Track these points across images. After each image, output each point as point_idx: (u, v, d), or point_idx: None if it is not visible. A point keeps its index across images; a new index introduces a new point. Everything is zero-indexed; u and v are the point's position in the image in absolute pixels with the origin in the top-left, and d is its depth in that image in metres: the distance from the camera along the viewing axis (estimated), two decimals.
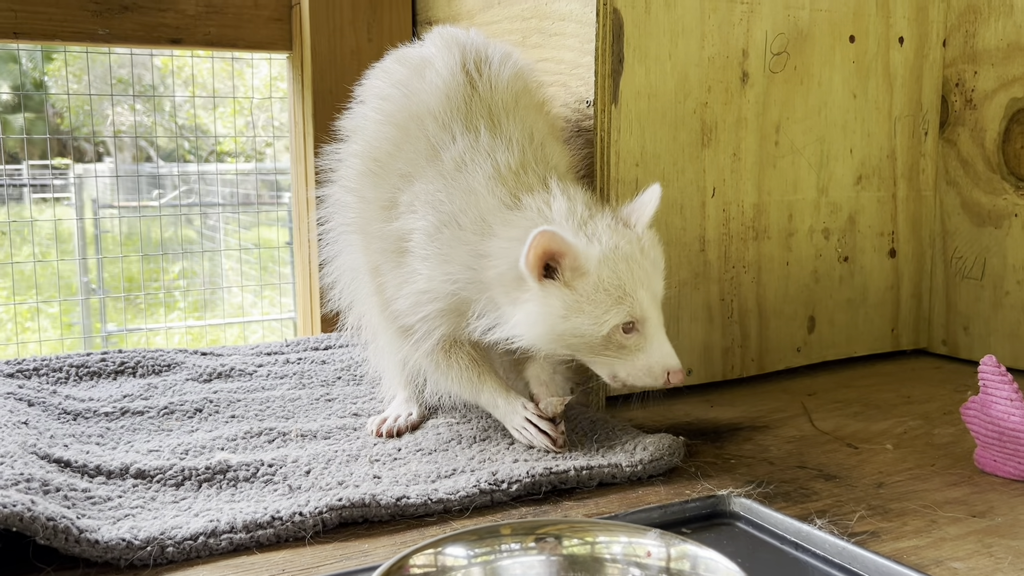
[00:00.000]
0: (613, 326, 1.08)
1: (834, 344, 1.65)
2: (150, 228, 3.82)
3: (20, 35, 1.66)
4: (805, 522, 0.90)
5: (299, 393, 1.45)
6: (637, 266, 1.11)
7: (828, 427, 1.34)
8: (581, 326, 1.07)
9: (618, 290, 1.08)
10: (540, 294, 1.07)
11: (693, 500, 0.94)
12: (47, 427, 1.19)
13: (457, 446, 1.21)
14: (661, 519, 0.91)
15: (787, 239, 1.57)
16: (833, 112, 1.58)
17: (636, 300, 1.09)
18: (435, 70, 1.22)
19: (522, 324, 1.08)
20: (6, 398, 1.24)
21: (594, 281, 1.07)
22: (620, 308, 1.08)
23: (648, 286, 1.12)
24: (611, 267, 1.08)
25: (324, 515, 0.97)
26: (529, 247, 1.04)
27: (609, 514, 0.97)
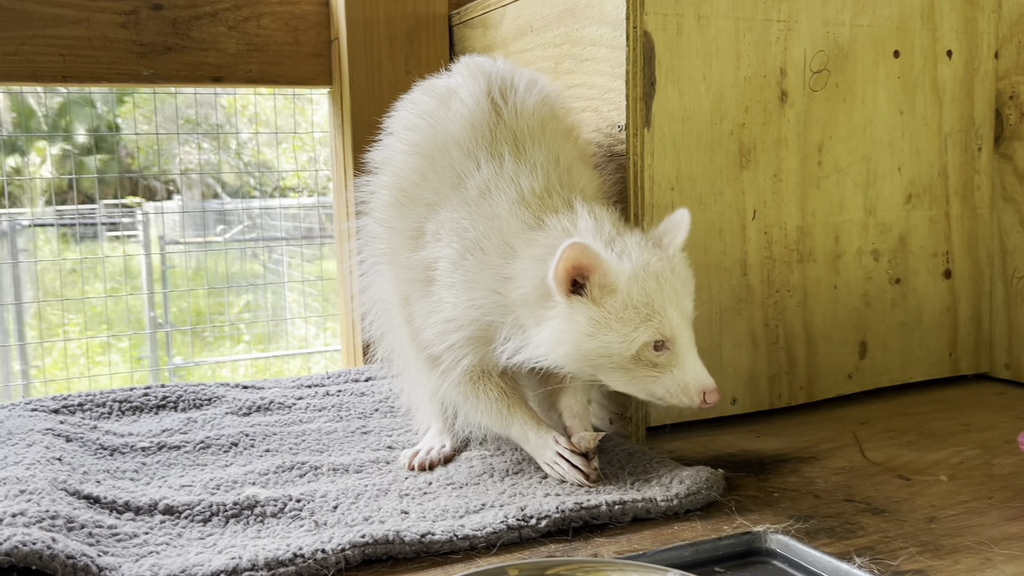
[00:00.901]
0: (642, 344, 1.06)
1: (888, 370, 1.59)
2: (216, 263, 3.90)
3: (68, 79, 1.71)
4: (845, 560, 0.85)
5: (335, 426, 1.45)
6: (667, 284, 1.08)
7: (879, 457, 1.28)
8: (609, 345, 1.05)
9: (647, 308, 1.06)
10: (566, 311, 1.05)
11: (727, 537, 0.90)
12: (82, 463, 1.19)
13: (489, 480, 1.19)
14: (693, 557, 0.87)
15: (834, 261, 1.52)
16: (879, 130, 1.53)
17: (666, 318, 1.06)
18: (460, 99, 1.22)
19: (547, 342, 1.06)
20: (45, 434, 1.26)
21: (623, 298, 1.05)
22: (649, 326, 1.06)
23: (678, 305, 1.09)
24: (640, 284, 1.06)
25: (347, 552, 0.95)
26: (559, 259, 1.02)
27: (640, 551, 0.93)
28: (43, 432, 1.26)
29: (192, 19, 1.77)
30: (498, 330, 1.12)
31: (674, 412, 1.41)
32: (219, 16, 1.79)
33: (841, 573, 0.82)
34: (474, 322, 1.13)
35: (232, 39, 1.81)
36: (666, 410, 1.40)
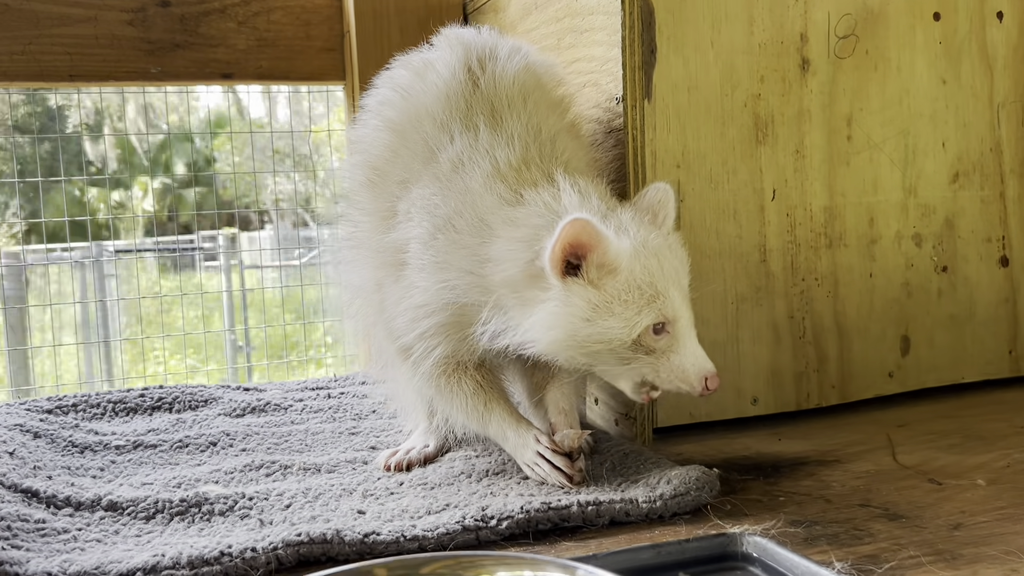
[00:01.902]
0: (644, 328, 0.95)
1: (935, 368, 1.43)
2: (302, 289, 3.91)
3: (76, 78, 1.69)
4: (825, 566, 0.72)
5: (326, 427, 1.37)
6: (667, 262, 0.99)
7: (912, 461, 1.13)
8: (610, 330, 0.95)
9: (650, 288, 0.96)
10: (562, 294, 0.95)
11: (696, 539, 0.78)
12: (39, 459, 1.14)
13: (466, 480, 1.09)
14: (653, 560, 0.75)
15: (869, 247, 1.37)
16: (918, 101, 1.38)
17: (668, 299, 0.97)
18: (435, 71, 1.13)
19: (537, 328, 0.96)
20: (11, 429, 1.21)
21: (625, 278, 0.95)
22: (652, 308, 0.96)
23: (679, 284, 1.00)
24: (642, 263, 0.96)
25: (279, 551, 0.86)
26: (557, 238, 0.93)
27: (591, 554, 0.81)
28: (9, 428, 1.22)
29: (200, 15, 1.74)
30: (475, 312, 1.02)
31: (685, 412, 1.28)
32: (228, 12, 1.75)
33: None
34: (447, 306, 1.03)
35: (242, 35, 1.77)
36: (676, 410, 1.28)
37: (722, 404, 1.30)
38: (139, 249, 4.05)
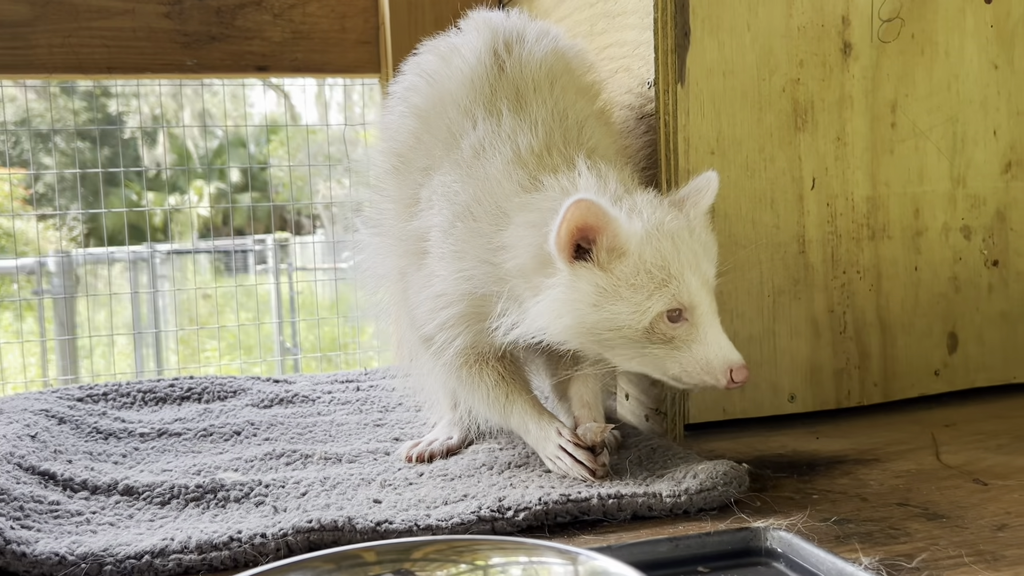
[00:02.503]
0: (657, 314, 0.91)
1: (985, 367, 1.36)
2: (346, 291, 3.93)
3: (113, 70, 1.70)
4: (852, 562, 0.67)
5: (351, 418, 1.35)
6: (684, 245, 0.93)
7: (957, 461, 1.07)
8: (618, 316, 0.90)
9: (662, 272, 0.91)
10: (569, 279, 0.91)
11: (717, 533, 0.74)
12: (61, 443, 1.14)
13: (487, 472, 1.06)
14: (671, 554, 0.72)
15: (914, 239, 1.31)
16: (967, 87, 1.32)
17: (683, 283, 0.92)
18: (461, 56, 1.11)
19: (546, 314, 0.92)
20: (37, 414, 1.21)
21: (634, 262, 0.91)
22: (664, 293, 0.91)
23: (697, 269, 0.94)
24: (654, 246, 0.91)
25: (289, 538, 0.84)
26: (562, 219, 0.89)
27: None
28: (35, 413, 1.22)
29: (236, 8, 1.74)
30: (492, 304, 0.99)
31: (718, 408, 1.24)
32: (264, 4, 1.75)
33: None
34: (464, 296, 1.01)
35: (277, 27, 1.76)
36: (709, 406, 1.23)
37: (757, 401, 1.25)
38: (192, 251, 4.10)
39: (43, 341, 3.28)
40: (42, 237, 4.06)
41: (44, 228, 4.22)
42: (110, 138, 3.70)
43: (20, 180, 4.13)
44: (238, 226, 4.66)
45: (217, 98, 4.81)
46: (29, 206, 3.96)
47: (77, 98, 4.27)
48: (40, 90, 3.43)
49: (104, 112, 4.62)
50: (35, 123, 3.00)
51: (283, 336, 4.00)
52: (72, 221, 4.53)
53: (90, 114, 3.85)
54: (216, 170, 5.92)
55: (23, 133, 3.12)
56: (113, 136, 3.69)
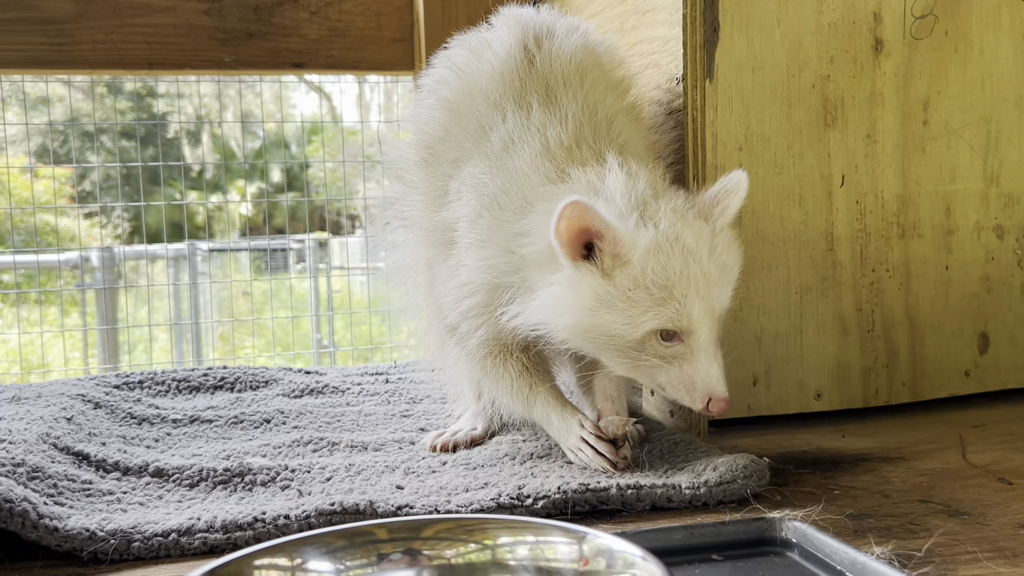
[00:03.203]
0: (649, 331, 0.91)
1: (1017, 368, 1.34)
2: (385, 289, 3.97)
3: (154, 66, 1.74)
4: (864, 552, 0.67)
5: (379, 409, 1.37)
6: (697, 267, 0.91)
7: (983, 460, 1.06)
8: (612, 324, 0.90)
9: (663, 291, 0.90)
10: (572, 277, 0.92)
11: (732, 522, 0.74)
12: (96, 426, 1.17)
13: (510, 462, 1.07)
14: (685, 541, 0.72)
15: (945, 238, 1.30)
16: (1002, 85, 1.31)
17: (684, 308, 0.90)
18: (491, 50, 1.12)
19: (546, 309, 0.93)
20: (74, 398, 1.25)
21: (635, 274, 0.90)
22: (661, 312, 0.90)
23: (705, 295, 0.92)
24: (661, 261, 0.90)
25: (312, 519, 0.86)
26: (558, 217, 0.89)
27: None
28: (72, 397, 1.25)
29: (274, 5, 1.77)
30: (511, 295, 1.00)
31: (743, 405, 1.24)
32: (301, 2, 1.78)
33: (858, 566, 0.65)
34: (486, 286, 1.02)
35: (314, 24, 1.79)
36: (734, 402, 1.22)
37: (783, 398, 1.25)
38: (230, 248, 4.17)
39: (84, 330, 3.35)
40: (87, 234, 4.15)
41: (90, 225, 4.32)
42: (154, 137, 3.77)
43: (68, 178, 4.23)
44: (279, 225, 4.73)
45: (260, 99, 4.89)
46: (74, 203, 4.05)
47: (123, 98, 4.37)
48: (87, 89, 3.51)
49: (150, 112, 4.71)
50: (82, 122, 3.08)
51: (320, 333, 4.05)
52: (116, 219, 4.63)
53: (135, 114, 3.93)
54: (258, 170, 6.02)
55: (71, 132, 3.20)
56: (157, 135, 3.76)
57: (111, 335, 3.33)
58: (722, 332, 0.97)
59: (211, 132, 5.59)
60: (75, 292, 3.33)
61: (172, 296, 3.45)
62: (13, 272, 3.23)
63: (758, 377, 1.23)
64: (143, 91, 4.79)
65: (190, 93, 3.94)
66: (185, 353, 3.46)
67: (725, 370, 0.94)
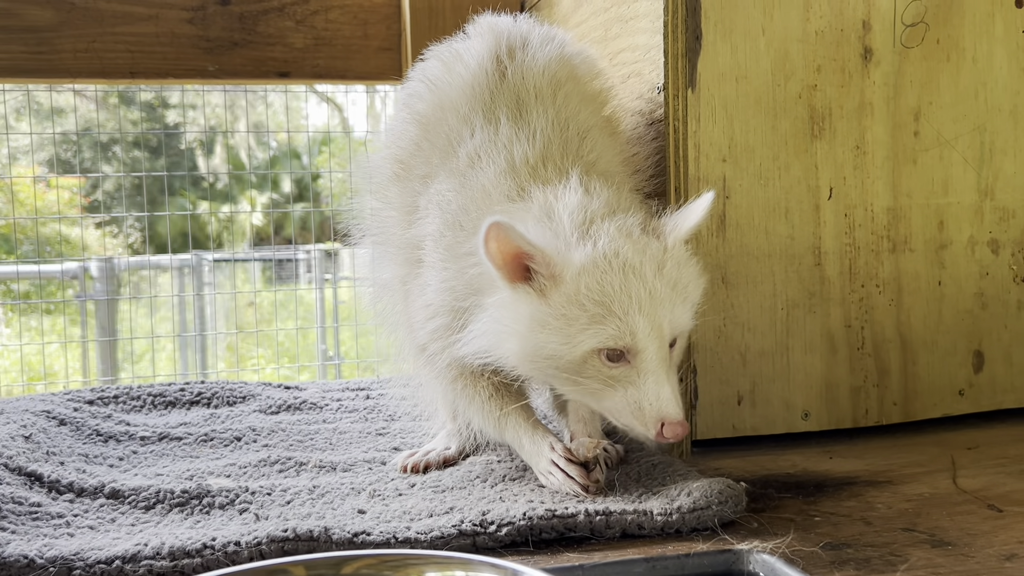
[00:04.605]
0: (589, 350, 0.87)
1: (1013, 388, 1.30)
2: None
3: (136, 75, 1.71)
4: None
5: (356, 427, 1.33)
6: (639, 283, 0.87)
7: (974, 485, 1.02)
8: (548, 344, 0.87)
9: (599, 307, 0.86)
10: (509, 300, 0.88)
11: (697, 554, 0.70)
12: (56, 444, 1.14)
13: (480, 485, 1.03)
14: (646, 575, 0.68)
15: (938, 252, 1.26)
16: (996, 95, 1.27)
17: (625, 324, 0.86)
18: (463, 62, 1.09)
19: (488, 335, 0.90)
20: (38, 415, 1.22)
21: (570, 292, 0.86)
22: (599, 331, 0.86)
23: (651, 313, 0.87)
24: (596, 278, 0.87)
25: (263, 547, 0.82)
26: (484, 239, 0.86)
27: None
28: (36, 413, 1.22)
29: (259, 14, 1.75)
30: (463, 316, 0.96)
31: (727, 425, 1.20)
32: (286, 10, 1.76)
33: None
34: (447, 308, 0.98)
35: (299, 33, 1.77)
36: (717, 422, 1.19)
37: (769, 417, 1.20)
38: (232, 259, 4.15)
39: (84, 341, 3.33)
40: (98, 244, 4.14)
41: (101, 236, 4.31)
42: (167, 148, 3.78)
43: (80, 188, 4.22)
44: (289, 236, 4.70)
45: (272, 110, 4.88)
46: (83, 213, 4.04)
47: (136, 108, 4.36)
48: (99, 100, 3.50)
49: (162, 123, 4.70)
50: (94, 133, 3.07)
51: (325, 344, 4.02)
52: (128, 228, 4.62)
53: (148, 124, 3.92)
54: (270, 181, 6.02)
55: (83, 143, 3.19)
56: (170, 146, 3.76)
57: (111, 347, 3.31)
58: (683, 357, 0.93)
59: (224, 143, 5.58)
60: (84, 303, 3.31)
61: (177, 307, 3.43)
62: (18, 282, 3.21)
63: (743, 396, 1.19)
64: (156, 102, 4.78)
65: (202, 104, 3.93)
66: (191, 364, 3.44)
67: (682, 394, 0.90)
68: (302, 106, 5.99)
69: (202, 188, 5.23)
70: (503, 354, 0.90)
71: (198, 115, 4.44)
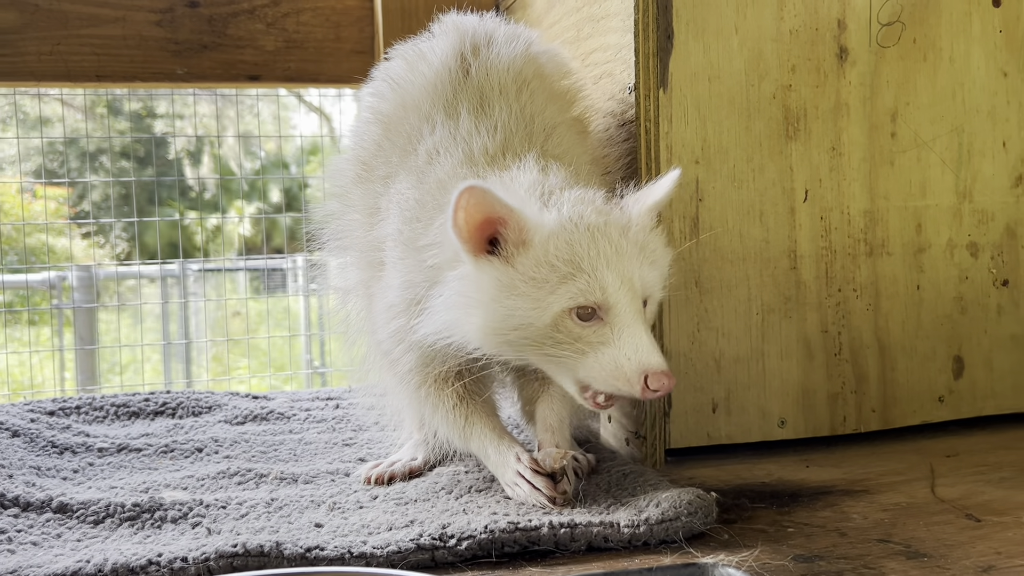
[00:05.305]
0: (560, 311, 0.84)
1: (993, 394, 1.27)
2: None
3: (103, 78, 1.68)
4: None
5: (322, 437, 1.30)
6: (606, 241, 0.85)
7: (953, 494, 0.99)
8: (518, 310, 0.83)
9: (568, 265, 0.84)
10: (473, 272, 0.85)
11: (661, 568, 0.67)
12: (7, 457, 1.10)
13: (446, 496, 0.99)
14: None
15: (916, 256, 1.23)
16: (974, 95, 1.25)
17: (595, 279, 0.84)
18: (426, 60, 1.06)
19: (449, 308, 0.86)
20: None
21: (538, 254, 0.84)
22: (570, 287, 0.83)
23: (619, 268, 0.85)
24: (564, 238, 0.85)
25: (211, 563, 0.79)
26: (455, 208, 0.83)
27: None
28: None
29: (229, 16, 1.71)
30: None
31: (702, 433, 1.17)
32: (257, 13, 1.72)
33: None
34: (409, 307, 0.95)
35: (270, 36, 1.73)
36: (692, 430, 1.16)
37: (744, 425, 1.17)
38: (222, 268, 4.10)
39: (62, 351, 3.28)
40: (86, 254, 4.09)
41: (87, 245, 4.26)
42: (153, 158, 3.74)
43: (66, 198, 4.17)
44: (279, 246, 4.66)
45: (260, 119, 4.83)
46: (75, 225, 3.99)
47: (123, 119, 4.32)
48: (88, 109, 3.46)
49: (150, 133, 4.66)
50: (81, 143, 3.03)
51: (311, 354, 3.98)
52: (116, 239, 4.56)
53: (136, 133, 3.88)
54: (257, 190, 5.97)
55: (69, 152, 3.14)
56: (158, 156, 3.72)
57: (88, 356, 3.26)
58: (654, 320, 0.90)
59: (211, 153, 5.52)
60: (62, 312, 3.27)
61: (162, 316, 3.38)
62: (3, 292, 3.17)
63: (718, 403, 1.16)
64: (143, 112, 4.74)
65: (189, 114, 3.89)
66: (175, 375, 3.39)
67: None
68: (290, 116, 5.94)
69: (190, 198, 5.17)
70: (466, 330, 0.87)
71: (186, 125, 4.41)
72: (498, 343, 0.86)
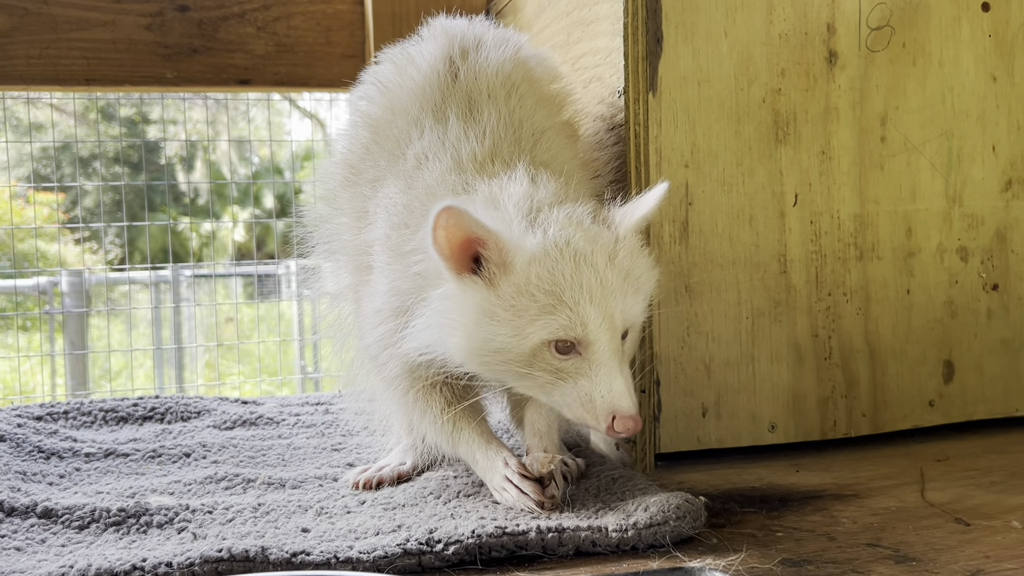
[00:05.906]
0: (539, 343, 0.83)
1: (984, 398, 1.27)
2: None
3: (92, 82, 1.67)
4: None
5: (311, 442, 1.29)
6: (591, 272, 0.84)
7: (943, 498, 0.99)
8: (497, 337, 0.83)
9: (550, 296, 0.83)
10: (455, 291, 0.85)
11: (647, 572, 0.66)
12: None
13: (434, 501, 0.99)
14: None
15: (906, 260, 1.23)
16: (964, 99, 1.25)
17: (576, 315, 0.83)
18: (414, 64, 1.06)
19: (432, 328, 0.86)
20: None
21: (519, 281, 0.83)
22: (550, 321, 0.83)
23: (602, 303, 0.84)
24: (548, 266, 0.83)
25: (196, 568, 0.78)
26: (433, 227, 0.82)
27: None
28: None
29: (219, 20, 1.71)
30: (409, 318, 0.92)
31: (691, 438, 1.17)
32: (247, 16, 1.72)
33: None
34: (396, 312, 0.94)
35: (260, 40, 1.73)
36: (681, 435, 1.16)
37: (735, 430, 1.17)
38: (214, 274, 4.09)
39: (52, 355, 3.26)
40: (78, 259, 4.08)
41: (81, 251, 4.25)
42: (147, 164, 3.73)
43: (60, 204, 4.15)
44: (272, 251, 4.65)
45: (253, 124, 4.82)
46: (67, 231, 3.97)
47: (116, 124, 4.31)
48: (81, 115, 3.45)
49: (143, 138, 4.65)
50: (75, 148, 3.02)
51: (304, 360, 3.97)
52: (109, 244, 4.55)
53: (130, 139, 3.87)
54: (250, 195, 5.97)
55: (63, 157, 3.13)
56: (151, 161, 3.71)
57: (80, 362, 3.24)
58: (635, 350, 0.89)
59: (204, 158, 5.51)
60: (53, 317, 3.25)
61: (154, 322, 3.37)
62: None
63: (708, 408, 1.16)
64: (136, 118, 4.73)
65: (183, 120, 3.88)
66: (168, 381, 3.37)
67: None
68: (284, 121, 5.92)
69: (183, 204, 5.16)
70: (448, 349, 0.86)
71: (179, 130, 4.40)
72: (479, 364, 0.86)
